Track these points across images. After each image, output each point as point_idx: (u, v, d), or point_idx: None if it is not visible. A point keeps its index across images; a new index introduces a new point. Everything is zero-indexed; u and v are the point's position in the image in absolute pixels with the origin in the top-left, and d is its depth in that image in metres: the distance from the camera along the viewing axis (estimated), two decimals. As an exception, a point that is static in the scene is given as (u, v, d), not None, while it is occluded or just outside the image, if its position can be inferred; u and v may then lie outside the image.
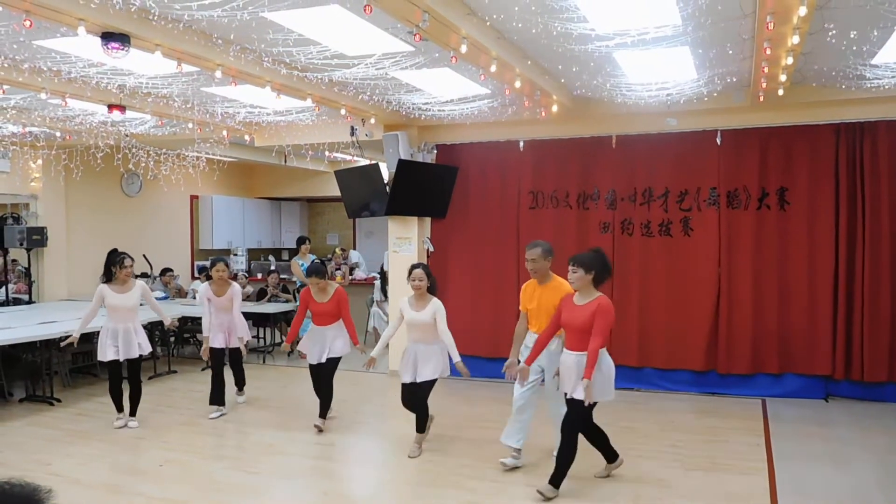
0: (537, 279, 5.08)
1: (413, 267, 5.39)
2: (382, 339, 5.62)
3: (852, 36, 4.73)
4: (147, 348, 6.19)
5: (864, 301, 6.72)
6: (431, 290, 5.36)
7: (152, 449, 5.54)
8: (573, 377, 4.39)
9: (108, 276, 6.08)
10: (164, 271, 10.31)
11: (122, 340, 5.97)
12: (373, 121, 7.58)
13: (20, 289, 9.75)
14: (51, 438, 5.84)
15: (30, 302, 9.26)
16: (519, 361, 4.93)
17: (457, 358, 5.14)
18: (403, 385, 5.39)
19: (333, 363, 6.03)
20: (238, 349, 6.73)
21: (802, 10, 3.81)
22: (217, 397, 6.58)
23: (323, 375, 6.00)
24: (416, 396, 5.37)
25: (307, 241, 9.72)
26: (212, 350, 6.57)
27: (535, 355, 4.74)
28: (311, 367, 6.06)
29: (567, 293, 4.71)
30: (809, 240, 6.90)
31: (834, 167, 6.82)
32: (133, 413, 6.19)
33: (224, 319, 6.62)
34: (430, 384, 5.34)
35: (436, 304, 5.29)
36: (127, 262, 6.07)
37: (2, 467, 5.08)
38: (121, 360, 6.01)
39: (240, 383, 7.02)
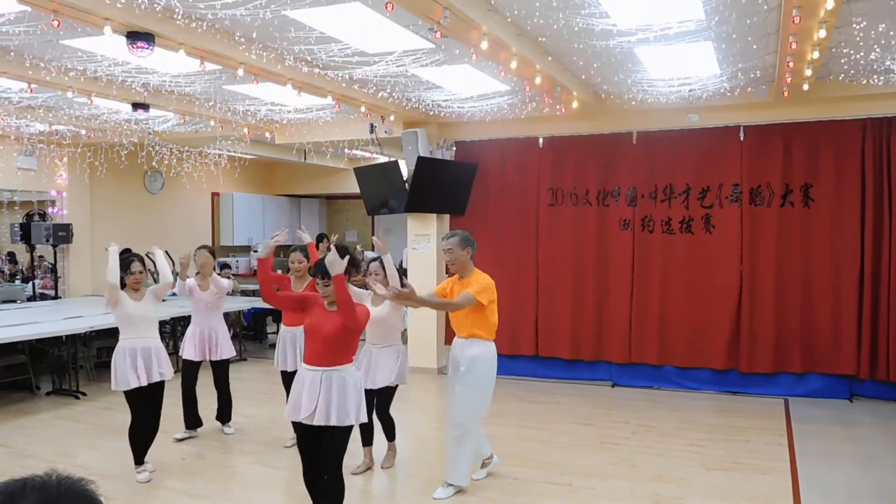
0: (457, 273, 4.53)
1: (370, 261, 5.02)
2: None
3: (880, 29, 4.65)
4: (169, 374, 4.94)
5: (891, 299, 6.60)
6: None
7: (175, 443, 5.61)
8: (306, 400, 3.59)
9: (121, 283, 4.88)
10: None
11: (143, 361, 4.77)
12: (392, 118, 7.61)
13: (46, 284, 9.93)
14: (77, 431, 5.95)
15: (56, 297, 9.43)
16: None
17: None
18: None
19: None
20: (223, 364, 5.74)
21: (830, 4, 3.75)
22: (192, 418, 5.69)
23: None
24: (375, 409, 4.92)
25: (326, 238, 9.77)
26: (185, 362, 5.68)
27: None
28: (284, 375, 5.31)
29: (476, 283, 4.36)
30: (834, 237, 6.79)
31: (860, 163, 6.71)
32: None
33: (205, 322, 5.65)
34: (387, 392, 4.90)
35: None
36: (134, 266, 4.83)
37: (30, 459, 5.18)
38: (144, 384, 4.77)
39: (224, 414, 5.90)
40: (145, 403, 4.81)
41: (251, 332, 10.63)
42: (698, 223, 7.23)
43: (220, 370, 5.80)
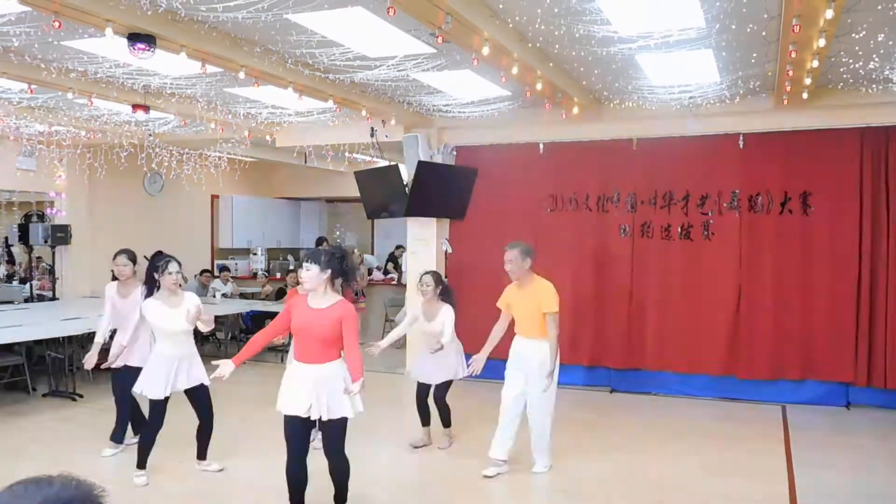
0: (517, 281, 4.94)
1: (423, 273, 5.54)
2: (390, 336, 5.55)
3: (879, 38, 4.68)
4: (205, 378, 4.76)
5: (888, 307, 6.62)
6: (446, 296, 5.42)
7: (172, 446, 5.59)
8: (303, 396, 3.75)
9: (150, 289, 4.74)
10: (203, 272, 10.43)
11: (176, 370, 4.64)
12: (393, 122, 7.61)
13: (44, 285, 9.92)
14: (73, 434, 5.93)
15: (53, 299, 9.41)
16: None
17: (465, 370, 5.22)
18: (419, 384, 5.60)
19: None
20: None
21: (829, 13, 3.77)
22: (134, 424, 5.31)
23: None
24: (434, 397, 5.55)
25: (326, 242, 9.78)
26: (115, 374, 5.17)
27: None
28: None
29: (538, 296, 4.76)
30: (832, 245, 6.81)
31: (858, 171, 6.73)
32: (203, 454, 5.02)
33: (129, 332, 5.08)
34: (444, 384, 5.48)
35: (445, 313, 5.32)
36: (172, 266, 4.67)
37: (27, 461, 5.17)
38: (168, 394, 4.66)
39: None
40: (163, 412, 4.71)
41: (249, 334, 10.61)
42: (697, 230, 7.24)
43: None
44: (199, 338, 9.72)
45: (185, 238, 11.43)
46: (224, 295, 9.78)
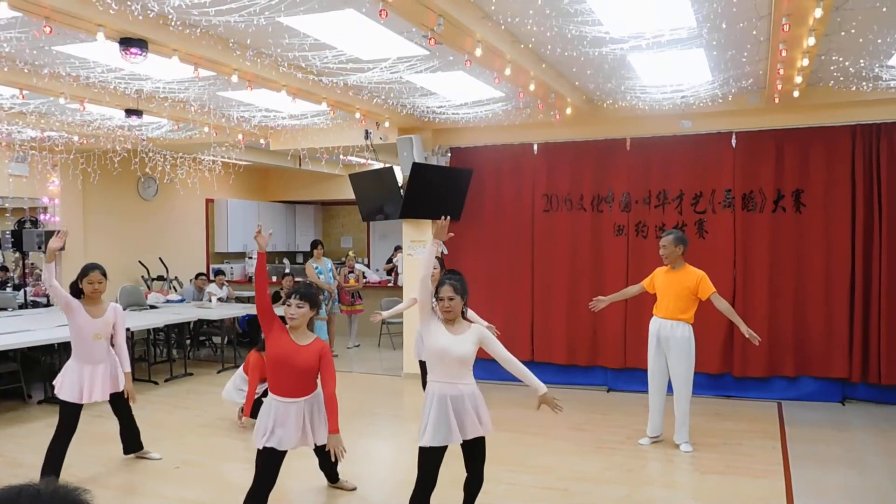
0: (669, 265, 5.56)
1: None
2: (394, 309, 6.33)
3: (868, 36, 4.71)
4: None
5: (882, 303, 6.65)
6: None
7: (169, 451, 5.58)
8: (295, 430, 3.89)
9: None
10: (199, 275, 10.41)
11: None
12: (387, 124, 7.62)
13: (38, 292, 9.88)
14: (69, 439, 5.90)
15: (48, 305, 9.37)
16: None
17: None
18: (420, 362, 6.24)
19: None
20: (124, 397, 4.96)
21: (818, 12, 3.80)
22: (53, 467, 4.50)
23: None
24: None
25: (321, 245, 9.78)
26: (64, 405, 4.70)
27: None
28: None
29: (692, 282, 5.39)
30: (825, 242, 6.84)
31: (850, 169, 6.77)
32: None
33: (94, 356, 4.69)
34: None
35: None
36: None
37: (22, 468, 5.15)
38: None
39: (136, 443, 5.10)
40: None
41: (246, 338, 10.59)
42: (692, 228, 7.26)
43: (123, 402, 5.05)
44: (196, 342, 9.77)
45: (180, 242, 11.42)
46: (220, 299, 9.77)
